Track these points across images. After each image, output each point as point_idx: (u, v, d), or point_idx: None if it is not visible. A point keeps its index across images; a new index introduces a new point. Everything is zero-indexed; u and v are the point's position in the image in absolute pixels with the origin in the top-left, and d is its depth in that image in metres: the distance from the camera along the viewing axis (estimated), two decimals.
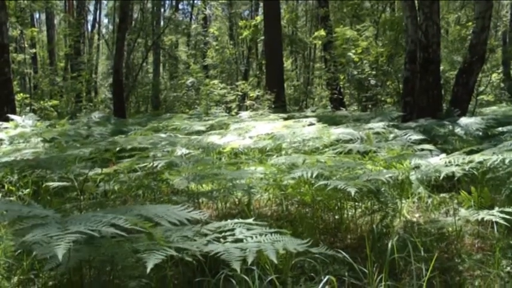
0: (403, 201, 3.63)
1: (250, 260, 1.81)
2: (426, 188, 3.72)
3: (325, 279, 2.20)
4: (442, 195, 3.80)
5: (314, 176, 3.32)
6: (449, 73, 12.19)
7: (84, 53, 21.44)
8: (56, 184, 3.67)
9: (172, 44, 23.43)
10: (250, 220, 2.23)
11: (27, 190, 4.01)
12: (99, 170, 3.93)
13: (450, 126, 6.03)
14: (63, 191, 3.97)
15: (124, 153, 4.28)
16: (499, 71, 17.02)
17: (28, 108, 13.74)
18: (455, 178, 3.52)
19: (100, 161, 4.15)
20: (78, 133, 5.82)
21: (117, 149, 4.15)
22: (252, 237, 2.06)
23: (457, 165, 3.39)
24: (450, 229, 3.11)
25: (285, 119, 7.93)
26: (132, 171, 4.09)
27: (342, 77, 14.07)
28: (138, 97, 19.19)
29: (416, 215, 3.62)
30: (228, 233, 2.09)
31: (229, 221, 2.21)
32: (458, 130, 5.85)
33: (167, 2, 23.87)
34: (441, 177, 3.35)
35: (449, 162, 3.52)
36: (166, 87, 20.12)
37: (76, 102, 16.11)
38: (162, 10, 22.42)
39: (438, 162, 3.60)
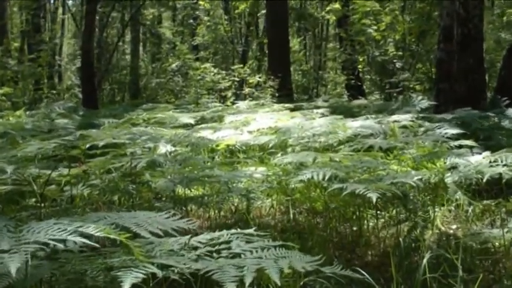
0: (437, 209, 3.62)
1: (248, 281, 1.80)
2: (466, 193, 3.71)
3: None
4: (485, 202, 3.79)
5: (327, 178, 3.31)
6: (495, 54, 12.17)
7: (45, 30, 21.43)
8: (8, 188, 3.65)
9: (154, 19, 23.41)
10: (251, 230, 2.22)
11: None
12: (64, 171, 3.92)
13: (495, 119, 6.02)
14: (19, 196, 3.94)
15: (95, 151, 4.27)
16: None
17: None
18: (503, 181, 3.51)
19: (66, 159, 4.14)
20: (37, 126, 5.82)
21: (87, 145, 4.15)
22: (251, 252, 2.04)
23: (504, 165, 3.37)
24: (497, 244, 3.10)
25: (292, 110, 7.98)
26: (105, 172, 4.08)
27: (360, 60, 14.09)
28: (112, 84, 19.20)
29: (453, 227, 3.61)
30: (222, 246, 2.08)
31: (224, 231, 2.20)
32: (506, 123, 5.85)
33: None
34: (484, 180, 3.33)
35: (494, 161, 3.50)
36: (148, 72, 20.14)
37: (35, 90, 16.08)
38: None
39: (481, 162, 3.59)
